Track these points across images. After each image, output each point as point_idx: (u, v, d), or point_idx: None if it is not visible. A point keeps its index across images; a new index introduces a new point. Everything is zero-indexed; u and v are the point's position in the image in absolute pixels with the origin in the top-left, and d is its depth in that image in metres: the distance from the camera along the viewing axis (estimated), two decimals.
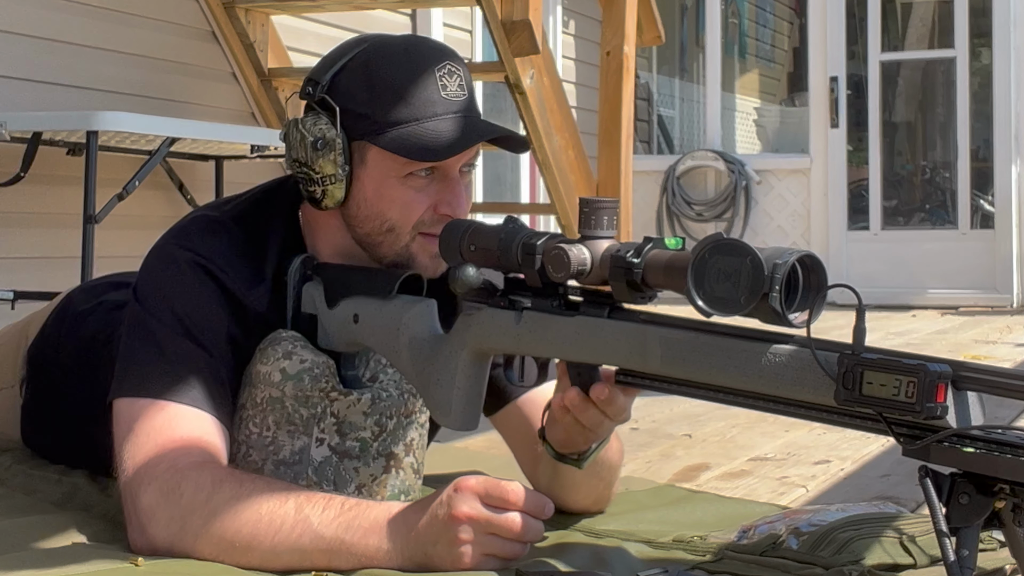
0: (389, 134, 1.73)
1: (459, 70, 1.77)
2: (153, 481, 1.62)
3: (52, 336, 2.13)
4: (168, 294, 1.74)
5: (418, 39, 1.84)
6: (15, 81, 3.88)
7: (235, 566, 1.58)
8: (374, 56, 1.76)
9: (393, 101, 1.73)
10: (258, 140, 3.97)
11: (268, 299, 1.79)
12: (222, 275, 1.75)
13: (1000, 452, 1.25)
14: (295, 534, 1.56)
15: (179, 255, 1.77)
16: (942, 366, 1.26)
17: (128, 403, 1.69)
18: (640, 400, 1.69)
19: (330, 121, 1.75)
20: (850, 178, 8.21)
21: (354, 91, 1.76)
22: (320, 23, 5.22)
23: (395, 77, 1.74)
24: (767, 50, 11.64)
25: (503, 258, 1.57)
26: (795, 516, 1.78)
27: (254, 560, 1.57)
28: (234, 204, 1.85)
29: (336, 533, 1.55)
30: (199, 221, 1.83)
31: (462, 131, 1.73)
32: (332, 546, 1.55)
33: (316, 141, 1.74)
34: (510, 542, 1.53)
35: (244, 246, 1.79)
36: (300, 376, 1.73)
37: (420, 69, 1.74)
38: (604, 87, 4.87)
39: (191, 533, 1.59)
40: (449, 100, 1.74)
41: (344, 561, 1.55)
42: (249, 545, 1.57)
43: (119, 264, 2.68)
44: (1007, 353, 4.90)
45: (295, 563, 1.57)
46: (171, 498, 1.60)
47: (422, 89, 1.73)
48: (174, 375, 1.69)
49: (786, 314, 1.33)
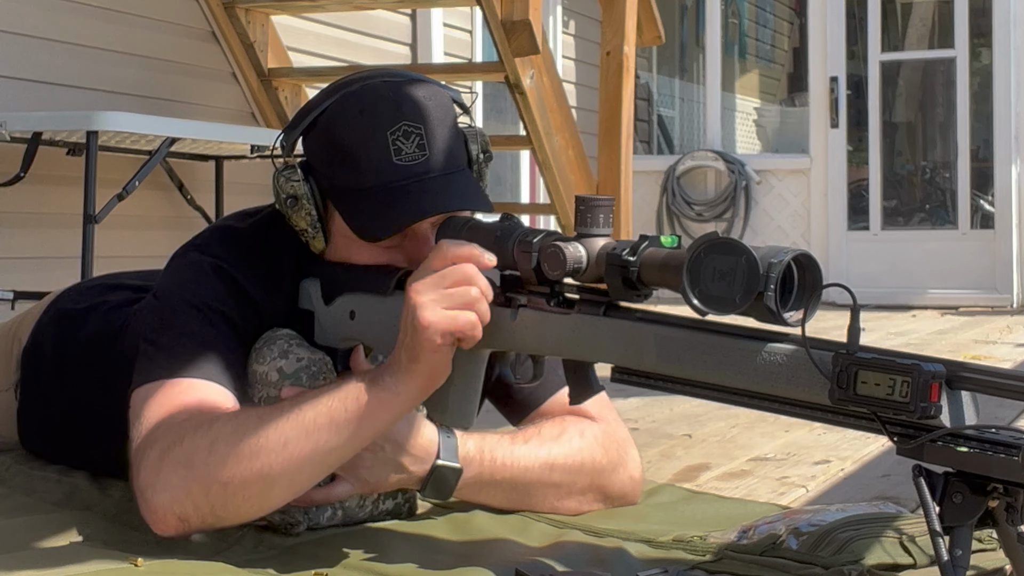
0: (345, 201, 1.73)
1: (417, 129, 1.70)
2: (153, 445, 1.61)
3: (48, 338, 2.13)
4: (187, 289, 1.75)
5: (382, 94, 1.73)
6: (15, 81, 3.88)
7: (252, 479, 1.57)
8: (333, 116, 1.73)
9: (345, 167, 1.72)
10: (258, 140, 3.98)
11: (286, 310, 1.79)
12: (241, 278, 1.76)
13: (994, 451, 1.25)
14: (301, 416, 1.57)
15: (200, 259, 1.78)
16: (936, 366, 1.27)
17: (144, 389, 1.69)
18: (640, 400, 1.69)
19: (302, 176, 1.74)
20: (850, 178, 8.22)
21: (317, 151, 1.76)
22: (320, 23, 5.22)
23: (347, 141, 1.71)
24: (767, 50, 11.64)
25: (499, 255, 1.57)
26: (795, 516, 1.78)
27: (268, 458, 1.56)
28: (257, 219, 1.85)
29: (338, 403, 1.58)
30: (221, 231, 1.85)
31: (407, 204, 1.69)
32: (339, 415, 1.57)
33: (287, 199, 1.75)
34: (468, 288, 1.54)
35: (264, 258, 1.80)
36: (297, 375, 1.73)
37: (371, 133, 1.70)
38: (604, 87, 4.87)
39: (200, 465, 1.57)
40: (403, 165, 1.70)
41: (356, 424, 1.58)
42: (260, 444, 1.56)
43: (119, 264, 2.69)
44: (1007, 353, 4.90)
45: (309, 448, 1.57)
46: (172, 450, 1.59)
47: (373, 155, 1.70)
48: (190, 355, 1.69)
49: (781, 313, 1.33)
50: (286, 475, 1.58)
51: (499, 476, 1.82)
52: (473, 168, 1.80)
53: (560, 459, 1.85)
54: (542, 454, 1.84)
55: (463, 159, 1.78)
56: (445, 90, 1.79)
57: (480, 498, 1.85)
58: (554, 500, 1.88)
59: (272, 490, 1.59)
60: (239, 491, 1.58)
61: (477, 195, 1.76)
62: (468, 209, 1.75)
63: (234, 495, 1.58)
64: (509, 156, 7.15)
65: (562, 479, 1.86)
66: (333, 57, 5.29)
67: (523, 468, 1.83)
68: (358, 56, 5.40)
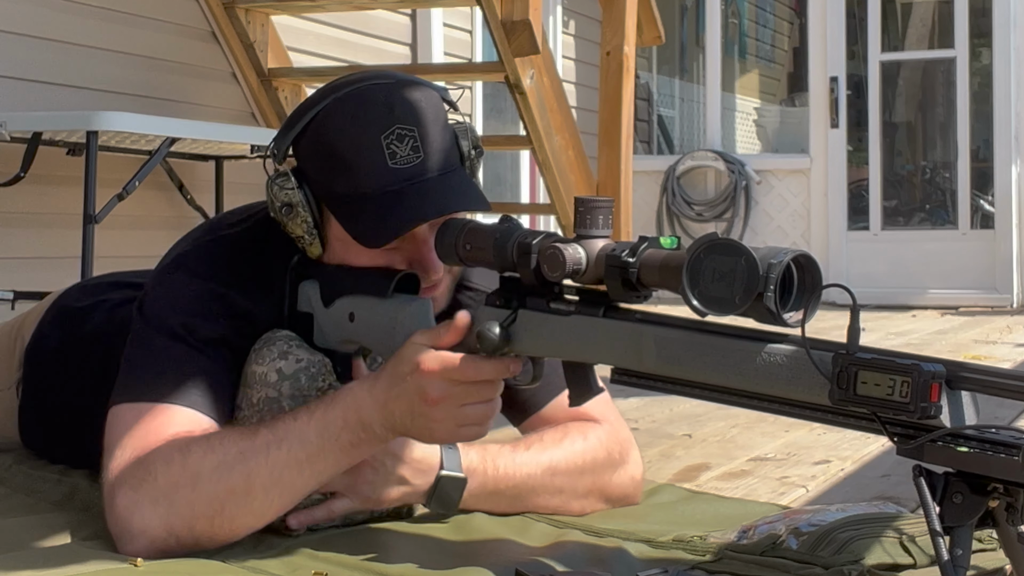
0: (341, 208, 1.73)
1: (411, 132, 1.69)
2: (124, 483, 1.61)
3: (51, 336, 2.13)
4: (171, 307, 1.74)
5: (374, 97, 1.72)
6: (15, 81, 3.88)
7: (245, 516, 1.60)
8: (325, 121, 1.72)
9: (339, 173, 1.71)
10: (258, 140, 3.98)
11: (279, 311, 1.79)
12: (230, 293, 1.75)
13: (994, 451, 1.25)
14: (284, 450, 1.59)
15: (187, 281, 1.76)
16: (936, 366, 1.27)
17: (121, 409, 1.69)
18: (640, 400, 1.69)
19: (296, 183, 1.73)
20: (850, 178, 8.22)
21: (310, 157, 1.74)
22: (320, 23, 5.22)
23: (341, 148, 1.70)
24: (767, 50, 11.64)
25: (499, 257, 1.57)
26: (795, 516, 1.78)
27: (258, 495, 1.59)
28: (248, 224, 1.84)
29: (318, 433, 1.60)
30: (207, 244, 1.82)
31: (406, 208, 1.68)
32: (322, 446, 1.60)
33: (282, 207, 1.74)
34: (484, 405, 1.58)
35: (252, 263, 1.79)
36: (297, 376, 1.73)
37: (365, 139, 1.69)
38: (604, 87, 4.87)
39: (184, 505, 1.58)
40: (399, 169, 1.69)
41: (338, 453, 1.61)
42: (248, 482, 1.58)
43: (119, 264, 2.69)
44: (1007, 353, 4.90)
45: (297, 478, 1.60)
46: (144, 486, 1.59)
47: (367, 160, 1.69)
48: (170, 379, 1.69)
49: (781, 314, 1.33)
50: (276, 506, 1.63)
51: (503, 485, 1.82)
52: (465, 164, 1.79)
53: (562, 463, 1.85)
54: (544, 459, 1.84)
55: (457, 157, 1.78)
56: (434, 89, 1.78)
57: (484, 507, 1.84)
58: (557, 504, 1.88)
59: (261, 520, 1.64)
60: (226, 523, 1.61)
61: (474, 195, 1.76)
62: (467, 210, 1.74)
63: (221, 527, 1.61)
64: (509, 156, 7.15)
65: (565, 483, 1.86)
66: (333, 57, 5.29)
67: (526, 475, 1.83)
68: (358, 56, 5.40)
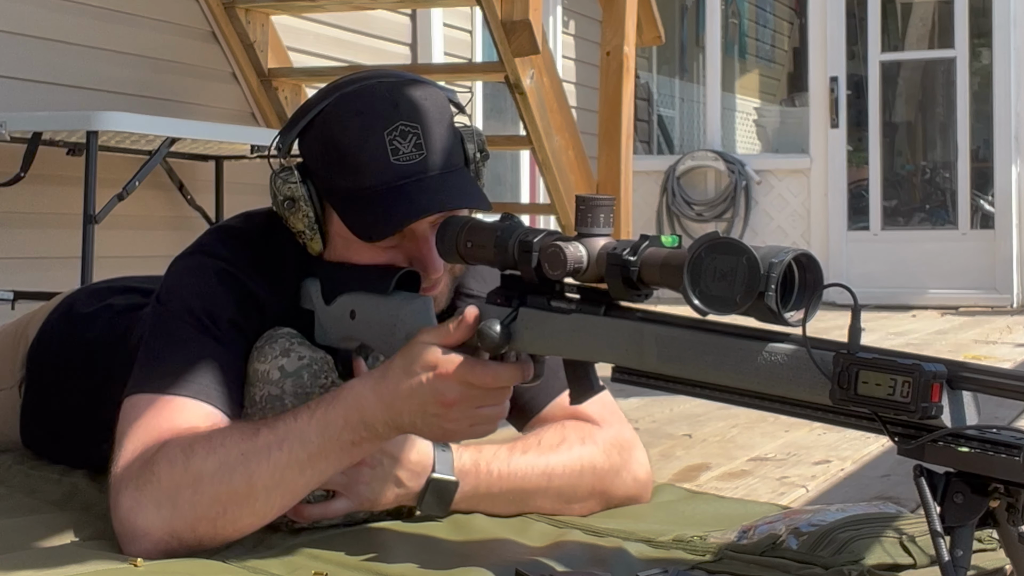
0: (343, 202, 1.73)
1: (414, 129, 1.70)
2: (129, 483, 1.61)
3: (55, 338, 2.13)
4: (189, 294, 1.75)
5: (379, 94, 1.74)
6: (15, 81, 3.88)
7: (247, 517, 1.60)
8: (329, 117, 1.73)
9: (343, 168, 1.72)
10: (258, 140, 3.98)
11: (289, 308, 1.79)
12: (247, 279, 1.76)
13: (995, 452, 1.25)
14: (285, 450, 1.59)
15: (204, 262, 1.78)
16: (937, 366, 1.27)
17: (136, 399, 1.69)
18: (640, 400, 1.69)
19: (299, 178, 1.74)
20: (850, 178, 8.21)
21: (314, 152, 1.75)
22: (320, 23, 5.22)
23: (345, 143, 1.71)
24: (767, 50, 11.64)
25: (499, 255, 1.57)
26: (795, 516, 1.78)
27: (260, 496, 1.59)
28: (258, 220, 1.85)
29: (319, 432, 1.60)
30: (223, 232, 1.85)
31: (406, 204, 1.69)
32: (323, 445, 1.59)
33: (284, 201, 1.75)
34: (498, 407, 1.59)
35: (267, 257, 1.80)
36: (299, 373, 1.73)
37: (368, 134, 1.70)
38: (604, 87, 4.87)
39: (187, 507, 1.58)
40: (400, 165, 1.70)
41: (339, 452, 1.61)
42: (250, 484, 1.58)
43: (119, 264, 2.69)
44: (1007, 353, 4.90)
45: (298, 478, 1.60)
46: (148, 488, 1.59)
47: (370, 156, 1.70)
48: (183, 370, 1.69)
49: (782, 313, 1.33)
50: (278, 506, 1.63)
51: (496, 488, 1.82)
52: (470, 167, 1.80)
53: (559, 468, 1.85)
54: (540, 464, 1.84)
55: (460, 158, 1.78)
56: (441, 90, 1.79)
57: (480, 509, 1.84)
58: (556, 507, 1.87)
59: (263, 520, 1.64)
60: (229, 524, 1.61)
61: (475, 193, 1.76)
62: (466, 207, 1.75)
63: (223, 528, 1.61)
64: (509, 156, 7.15)
65: (562, 487, 1.86)
66: (333, 57, 5.29)
67: (521, 478, 1.83)
68: (358, 56, 5.40)
